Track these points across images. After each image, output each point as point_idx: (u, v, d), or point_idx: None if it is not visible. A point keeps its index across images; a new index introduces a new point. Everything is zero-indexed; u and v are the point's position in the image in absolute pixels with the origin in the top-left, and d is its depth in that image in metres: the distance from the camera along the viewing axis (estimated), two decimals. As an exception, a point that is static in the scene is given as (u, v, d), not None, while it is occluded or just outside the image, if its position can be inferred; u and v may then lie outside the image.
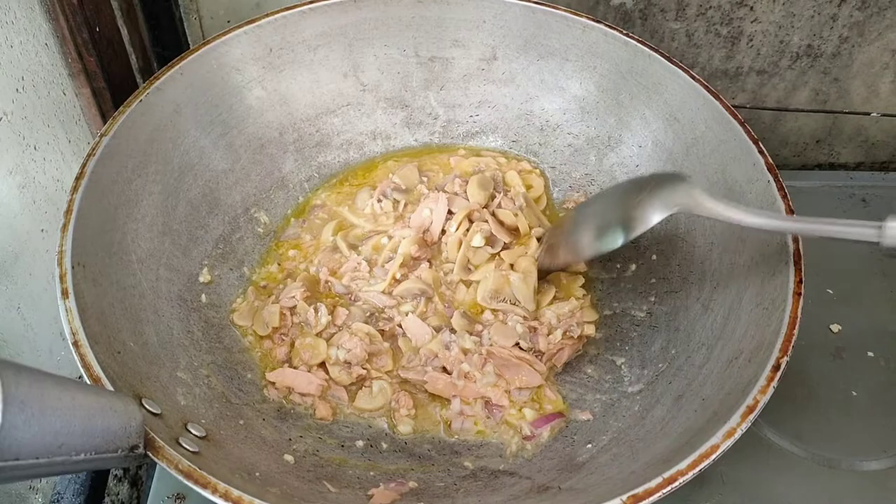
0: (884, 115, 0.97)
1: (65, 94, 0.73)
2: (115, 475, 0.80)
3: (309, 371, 0.67)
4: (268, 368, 0.68)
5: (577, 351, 0.70)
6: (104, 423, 0.45)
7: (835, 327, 0.78)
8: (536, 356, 0.68)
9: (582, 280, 0.75)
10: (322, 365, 0.68)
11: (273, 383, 0.67)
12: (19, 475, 0.39)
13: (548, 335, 0.68)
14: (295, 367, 0.68)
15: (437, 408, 0.67)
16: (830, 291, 0.80)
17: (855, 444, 0.70)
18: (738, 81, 0.97)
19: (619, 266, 0.76)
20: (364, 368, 0.67)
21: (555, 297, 0.73)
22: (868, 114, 0.98)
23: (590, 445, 0.62)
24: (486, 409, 0.66)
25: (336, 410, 0.66)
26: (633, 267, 0.75)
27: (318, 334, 0.69)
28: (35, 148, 0.69)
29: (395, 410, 0.66)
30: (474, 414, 0.66)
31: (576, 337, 0.69)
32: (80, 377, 0.53)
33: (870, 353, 0.76)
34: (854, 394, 0.73)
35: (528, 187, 0.80)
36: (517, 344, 0.68)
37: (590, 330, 0.70)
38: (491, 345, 0.68)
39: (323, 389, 0.66)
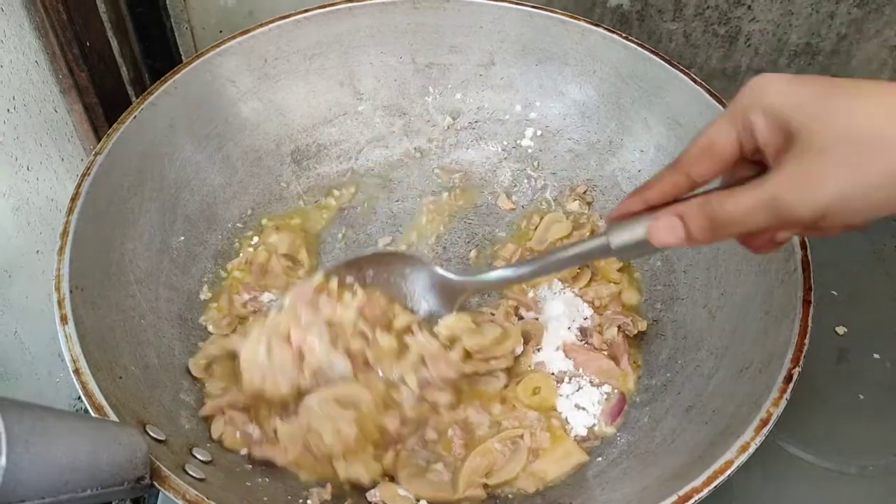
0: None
1: (56, 111, 0.72)
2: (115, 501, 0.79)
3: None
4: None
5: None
6: (109, 456, 0.44)
7: (840, 329, 0.77)
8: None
9: (619, 264, 0.74)
10: None
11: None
12: (25, 516, 0.38)
13: (601, 334, 0.68)
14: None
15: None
16: (835, 293, 0.80)
17: (864, 448, 0.69)
18: (737, 81, 0.96)
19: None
20: None
21: (591, 280, 0.73)
22: (867, 111, 0.97)
23: (600, 459, 0.61)
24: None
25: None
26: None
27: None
28: (28, 168, 0.68)
29: None
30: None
31: (632, 335, 0.69)
32: (79, 398, 0.52)
33: (876, 355, 0.75)
34: (861, 396, 0.73)
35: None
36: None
37: (643, 325, 0.70)
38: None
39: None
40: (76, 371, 0.52)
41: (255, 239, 0.76)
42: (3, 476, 0.36)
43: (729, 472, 0.49)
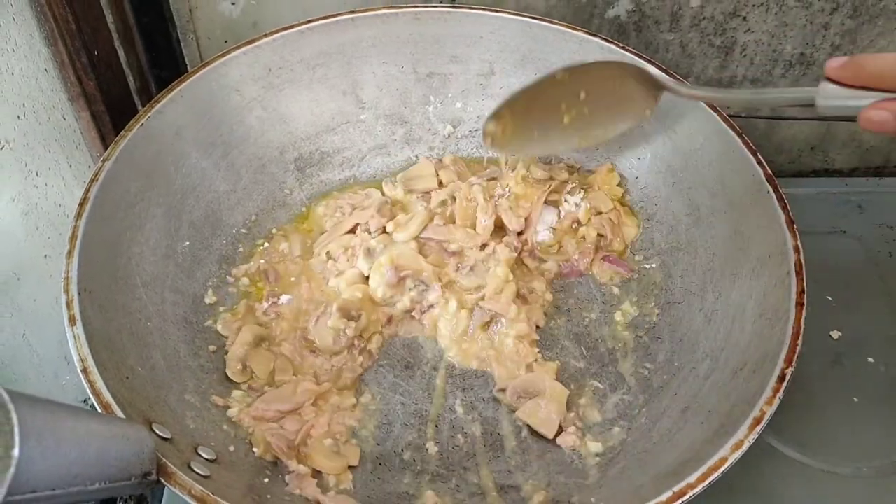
0: (877, 120, 0.98)
1: (64, 118, 0.74)
2: (122, 497, 0.80)
3: None
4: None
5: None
6: (117, 451, 0.45)
7: (834, 334, 0.78)
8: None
9: (618, 178, 0.77)
10: None
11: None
12: (35, 508, 0.39)
13: (580, 223, 0.74)
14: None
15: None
16: (829, 298, 0.81)
17: (857, 450, 0.70)
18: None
19: (620, 278, 0.77)
20: None
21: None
22: (861, 120, 0.99)
23: (598, 458, 0.62)
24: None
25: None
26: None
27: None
28: (37, 174, 0.69)
29: None
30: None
31: (605, 247, 0.74)
32: (86, 401, 0.53)
33: (870, 359, 0.76)
34: (855, 400, 0.74)
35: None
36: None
37: (620, 246, 0.74)
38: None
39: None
40: (84, 370, 0.53)
41: (266, 245, 0.77)
42: (15, 467, 0.37)
43: (723, 468, 0.50)
